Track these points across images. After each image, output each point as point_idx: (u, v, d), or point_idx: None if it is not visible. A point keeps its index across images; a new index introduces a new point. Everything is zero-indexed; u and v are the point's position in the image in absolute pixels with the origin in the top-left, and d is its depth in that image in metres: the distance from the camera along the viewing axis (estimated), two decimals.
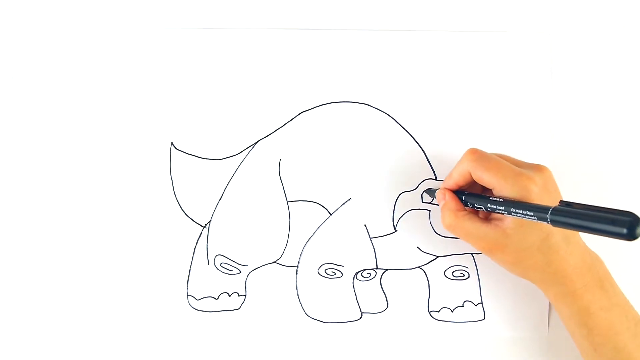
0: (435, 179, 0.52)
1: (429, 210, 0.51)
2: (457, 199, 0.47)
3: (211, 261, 0.51)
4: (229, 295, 0.51)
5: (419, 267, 0.52)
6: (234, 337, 0.51)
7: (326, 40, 0.51)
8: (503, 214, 0.42)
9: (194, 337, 0.51)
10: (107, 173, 0.51)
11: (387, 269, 0.52)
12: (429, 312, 0.52)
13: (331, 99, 0.52)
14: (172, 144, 0.51)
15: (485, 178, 0.44)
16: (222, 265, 0.51)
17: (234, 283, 0.51)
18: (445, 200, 0.47)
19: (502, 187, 0.43)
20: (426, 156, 0.52)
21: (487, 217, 0.46)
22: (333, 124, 0.52)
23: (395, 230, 0.52)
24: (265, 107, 0.51)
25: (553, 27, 0.53)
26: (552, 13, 0.53)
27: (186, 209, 0.51)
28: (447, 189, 0.47)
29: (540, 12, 0.53)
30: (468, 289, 0.52)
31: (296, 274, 0.52)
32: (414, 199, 0.52)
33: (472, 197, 0.46)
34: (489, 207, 0.43)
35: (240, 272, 0.51)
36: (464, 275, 0.52)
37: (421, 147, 0.52)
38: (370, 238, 0.52)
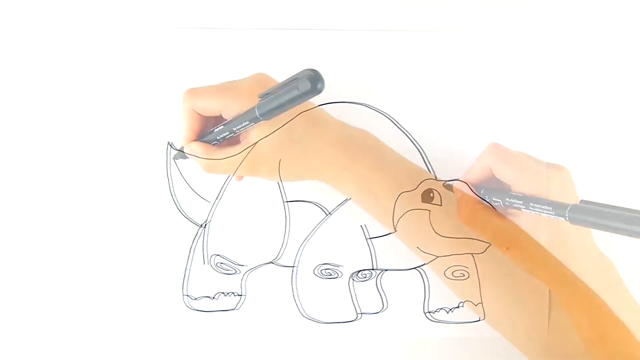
0: (435, 179, 0.51)
1: (429, 210, 0.51)
2: (474, 192, 0.46)
3: (208, 261, 0.51)
4: (226, 295, 0.51)
5: (418, 267, 0.52)
6: (231, 337, 0.51)
7: (326, 40, 0.52)
8: (520, 209, 0.42)
9: (190, 337, 0.51)
10: (105, 173, 0.51)
11: (385, 269, 0.52)
12: (428, 313, 0.52)
13: (331, 99, 0.52)
14: (170, 143, 0.51)
15: (507, 174, 0.44)
16: (219, 265, 0.51)
17: (232, 283, 0.51)
18: (463, 192, 0.46)
19: (521, 184, 0.43)
20: (426, 156, 0.52)
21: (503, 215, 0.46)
22: None
23: (395, 230, 0.51)
24: None
25: (552, 27, 0.53)
26: (551, 13, 0.53)
27: (184, 208, 0.51)
28: (466, 182, 0.47)
29: (539, 12, 0.53)
30: (468, 289, 0.52)
31: (294, 274, 0.51)
32: (414, 199, 0.51)
33: (491, 191, 0.46)
34: (507, 201, 0.43)
35: (237, 272, 0.51)
36: (463, 275, 0.52)
37: (421, 147, 0.52)
38: (369, 238, 0.51)
